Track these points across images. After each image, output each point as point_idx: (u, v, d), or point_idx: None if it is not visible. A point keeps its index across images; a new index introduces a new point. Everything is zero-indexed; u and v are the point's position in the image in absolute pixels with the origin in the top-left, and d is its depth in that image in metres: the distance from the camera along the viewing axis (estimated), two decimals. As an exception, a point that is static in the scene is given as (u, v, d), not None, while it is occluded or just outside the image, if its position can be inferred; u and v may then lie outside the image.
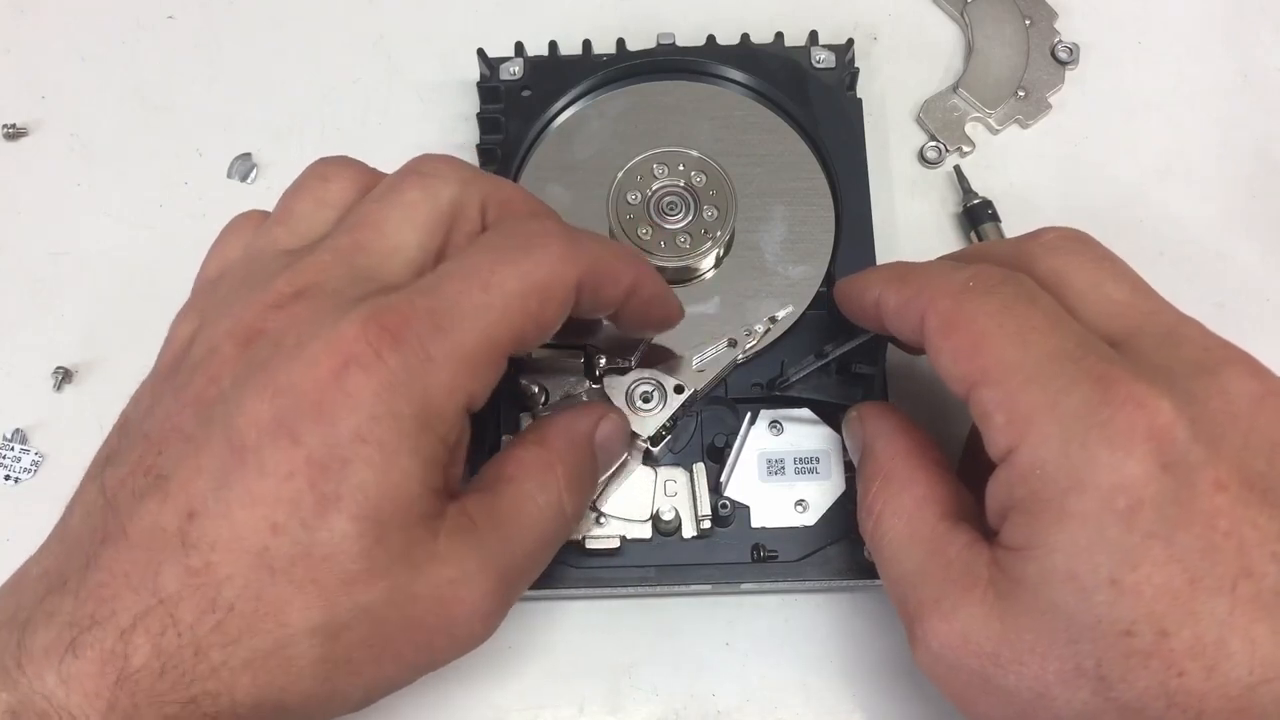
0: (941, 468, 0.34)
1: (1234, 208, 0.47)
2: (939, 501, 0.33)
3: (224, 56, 0.51)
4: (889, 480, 0.34)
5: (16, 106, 0.50)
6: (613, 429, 0.36)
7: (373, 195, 0.33)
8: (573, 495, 0.34)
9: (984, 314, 0.31)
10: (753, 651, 0.40)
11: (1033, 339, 0.30)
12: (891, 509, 0.34)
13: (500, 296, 0.30)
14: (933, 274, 0.33)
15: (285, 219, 0.33)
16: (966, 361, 0.31)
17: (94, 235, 0.47)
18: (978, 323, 0.31)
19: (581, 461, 0.35)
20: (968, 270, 0.32)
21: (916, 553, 0.32)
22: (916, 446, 0.35)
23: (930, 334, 0.32)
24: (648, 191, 0.42)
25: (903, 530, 0.33)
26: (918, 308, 0.33)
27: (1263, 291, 0.46)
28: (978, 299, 0.31)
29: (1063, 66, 0.49)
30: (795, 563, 0.39)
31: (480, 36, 0.48)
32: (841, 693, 0.40)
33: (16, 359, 0.45)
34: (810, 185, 0.44)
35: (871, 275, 0.37)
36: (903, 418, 0.37)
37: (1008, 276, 0.32)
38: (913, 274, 0.34)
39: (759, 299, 0.42)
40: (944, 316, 0.32)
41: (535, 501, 0.33)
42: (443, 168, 0.33)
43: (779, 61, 0.46)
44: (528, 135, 0.45)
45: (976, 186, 0.46)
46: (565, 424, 0.35)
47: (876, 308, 0.35)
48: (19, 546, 0.42)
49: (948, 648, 0.30)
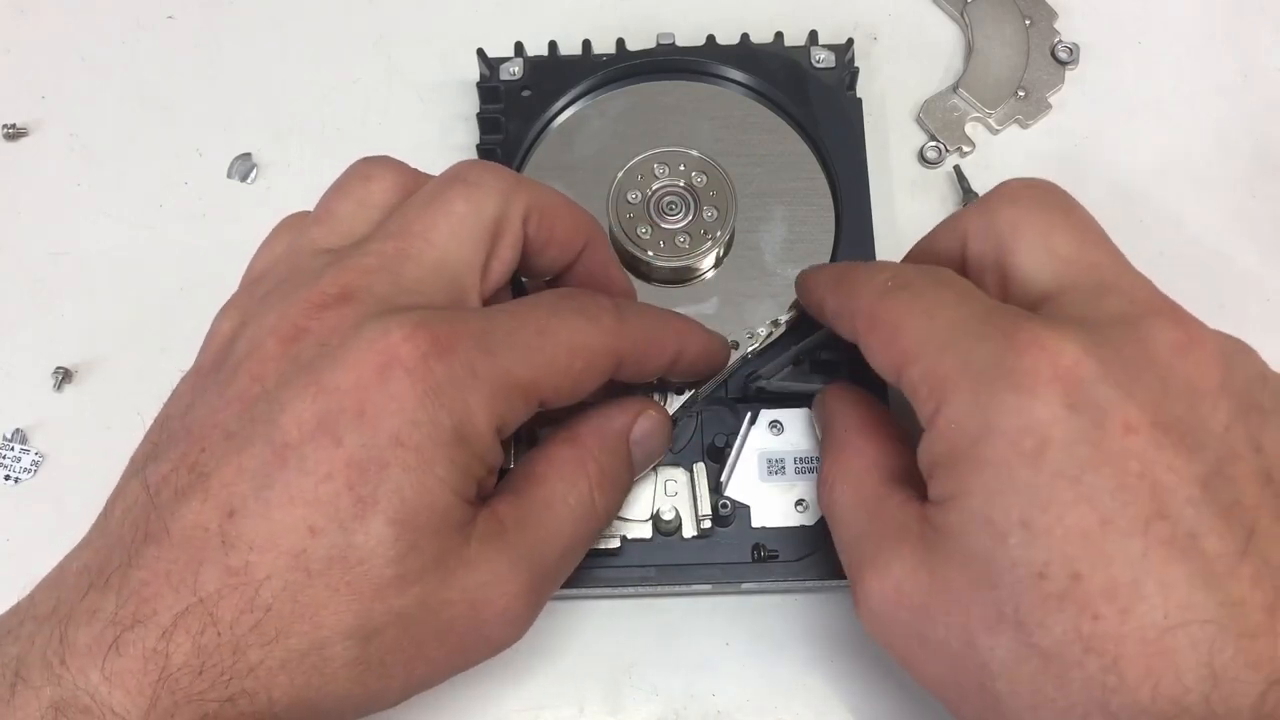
0: (891, 438, 0.35)
1: (1234, 208, 0.47)
2: (884, 467, 0.34)
3: (224, 56, 0.51)
4: (840, 450, 0.35)
5: (16, 106, 0.50)
6: (651, 426, 0.36)
7: (417, 200, 0.33)
8: (605, 494, 0.34)
9: (899, 305, 0.32)
10: (753, 651, 0.40)
11: (941, 313, 0.31)
12: (840, 476, 0.34)
13: (551, 344, 0.31)
14: (859, 278, 0.34)
15: (326, 218, 0.33)
16: (889, 349, 0.32)
17: (94, 235, 0.47)
18: (894, 313, 0.32)
19: (615, 459, 0.35)
20: (888, 270, 0.34)
21: (860, 515, 0.33)
22: (869, 418, 0.36)
23: (859, 335, 0.33)
24: (648, 191, 0.42)
25: (850, 495, 0.34)
26: (849, 311, 0.34)
27: (1263, 291, 0.46)
28: (895, 294, 0.32)
29: (1063, 66, 0.49)
30: (795, 563, 0.39)
31: (480, 36, 0.48)
32: (841, 693, 0.40)
33: (16, 359, 0.45)
34: (810, 185, 0.44)
35: (817, 276, 0.37)
36: (859, 395, 0.37)
37: (923, 271, 0.33)
38: (846, 278, 0.35)
39: (759, 299, 0.42)
40: (867, 316, 0.33)
41: (565, 502, 0.33)
42: (488, 178, 0.33)
43: (779, 61, 0.46)
44: (528, 135, 0.45)
45: (976, 186, 0.46)
46: (599, 420, 0.35)
47: (820, 310, 0.37)
48: (19, 546, 0.43)
49: (883, 603, 0.31)
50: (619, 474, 0.35)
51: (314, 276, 0.31)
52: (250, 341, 0.30)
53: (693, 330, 0.37)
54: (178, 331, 0.46)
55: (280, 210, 0.47)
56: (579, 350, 0.32)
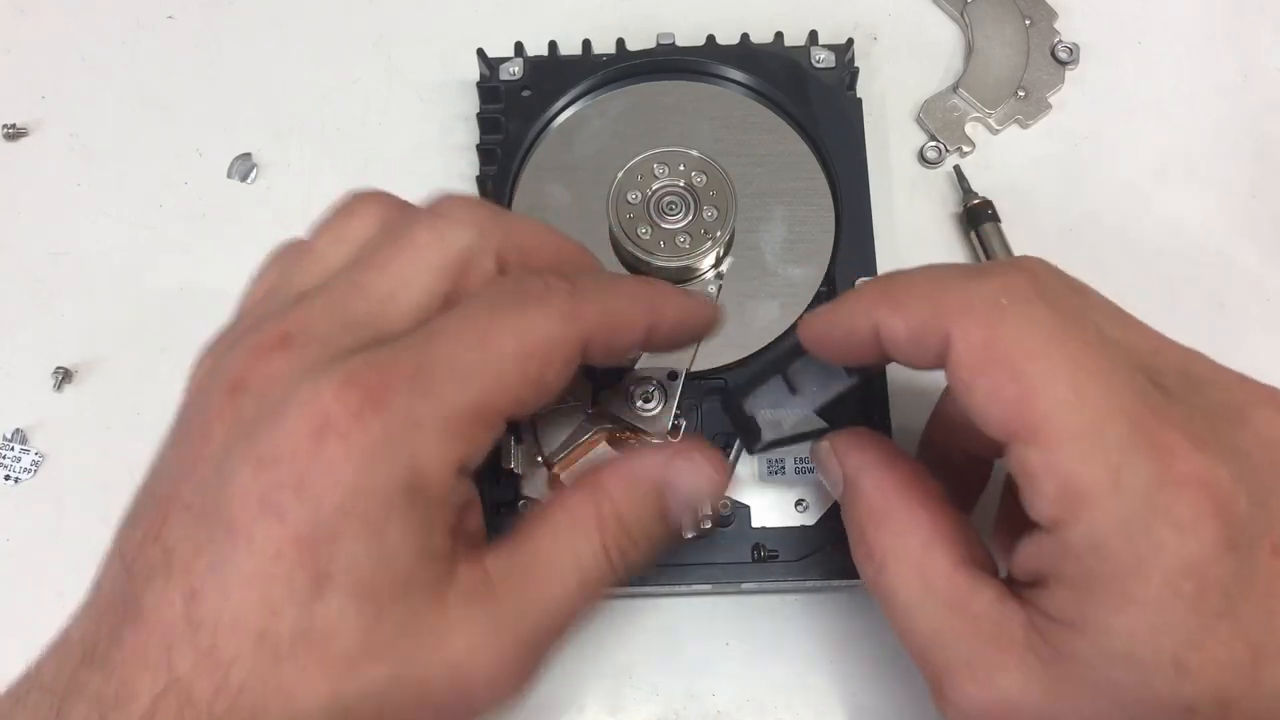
0: (940, 502, 0.32)
1: (1234, 208, 0.47)
2: (948, 545, 0.30)
3: (224, 56, 0.51)
4: (886, 522, 0.31)
5: (16, 106, 0.50)
6: (691, 470, 0.31)
7: (385, 234, 0.31)
8: (622, 546, 0.30)
9: (1028, 351, 0.27)
10: (753, 651, 0.40)
11: (1089, 391, 0.26)
12: (896, 556, 0.31)
13: (495, 357, 0.28)
14: (948, 287, 0.29)
15: (306, 255, 0.32)
16: (1009, 410, 0.27)
17: (94, 235, 0.47)
18: (1022, 363, 0.27)
19: (640, 507, 0.31)
20: (992, 279, 0.28)
21: (933, 607, 0.30)
22: (908, 480, 0.32)
23: (958, 367, 0.28)
24: (648, 191, 0.42)
25: (913, 581, 0.30)
26: (937, 332, 0.28)
27: (1263, 291, 0.46)
28: (1017, 326, 0.27)
29: (1063, 66, 0.49)
30: (795, 563, 0.39)
31: (480, 36, 0.48)
32: (841, 693, 0.40)
33: (16, 359, 0.45)
34: (810, 185, 0.44)
35: (858, 300, 0.31)
36: (885, 446, 0.33)
37: (1041, 287, 0.28)
38: (917, 289, 0.29)
39: (759, 299, 0.42)
40: (977, 346, 0.27)
41: (571, 552, 0.30)
42: (459, 210, 0.31)
43: (779, 61, 0.46)
44: (528, 135, 0.45)
45: (976, 186, 0.46)
46: (625, 461, 0.32)
47: (874, 338, 0.30)
48: (19, 546, 0.43)
49: (983, 713, 0.29)
50: (646, 526, 0.31)
51: (264, 322, 0.29)
52: (203, 394, 0.29)
53: (665, 295, 0.33)
54: (178, 331, 0.46)
55: (280, 211, 0.48)
56: (531, 353, 0.29)
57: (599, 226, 0.43)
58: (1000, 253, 0.45)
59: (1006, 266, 0.29)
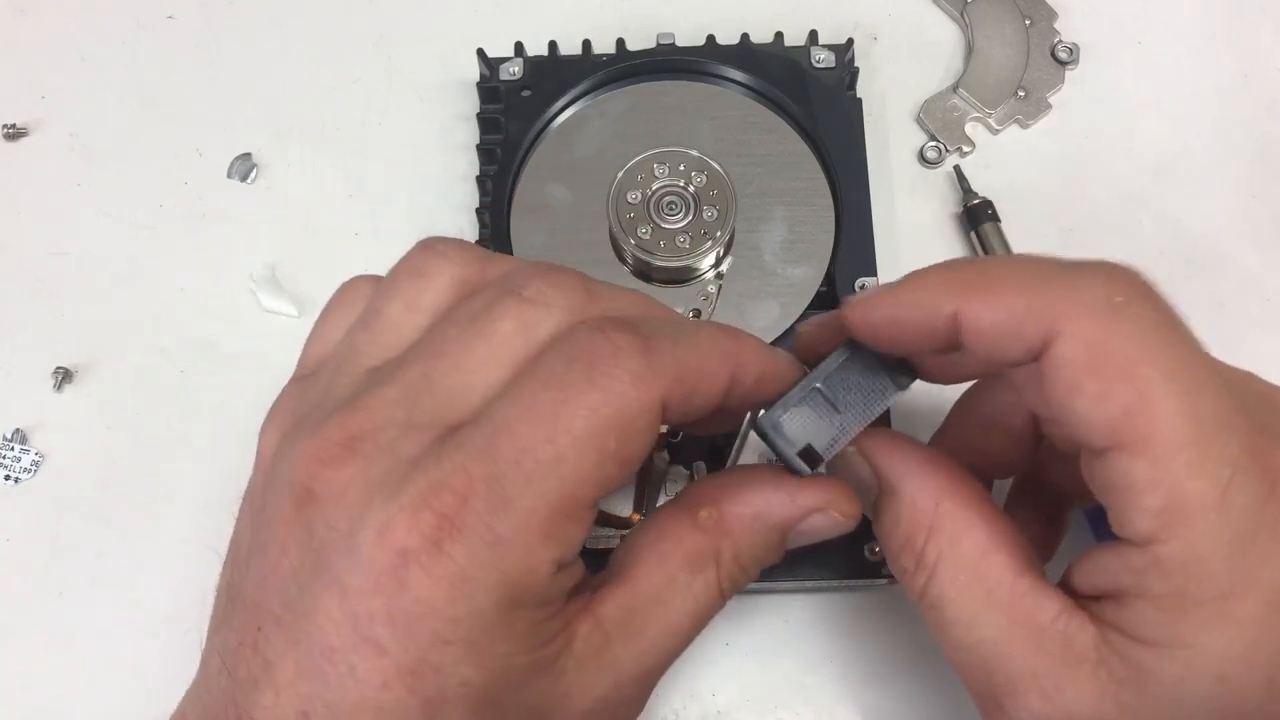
0: (992, 504, 0.30)
1: (1234, 208, 0.47)
2: (1007, 551, 0.29)
3: (224, 56, 0.51)
4: (938, 529, 0.29)
5: (16, 106, 0.50)
6: (827, 526, 0.30)
7: (463, 313, 0.29)
8: (735, 579, 0.29)
9: (1145, 355, 0.25)
10: (753, 651, 0.40)
11: (1202, 403, 0.25)
12: (949, 564, 0.29)
13: (570, 445, 0.26)
14: (1051, 278, 0.27)
15: (374, 322, 0.30)
16: (1119, 417, 0.25)
17: (94, 235, 0.47)
18: (1139, 368, 0.25)
19: (761, 548, 0.30)
20: (1098, 274, 0.26)
21: (995, 618, 0.28)
22: (956, 481, 0.30)
23: (1064, 365, 0.26)
24: (648, 191, 0.42)
25: (972, 590, 0.29)
26: (1041, 326, 0.26)
27: (1263, 291, 0.46)
28: (1134, 327, 0.26)
29: (1063, 66, 0.49)
30: (795, 563, 0.39)
31: (480, 36, 0.48)
32: (841, 693, 0.40)
33: (16, 359, 0.45)
34: (810, 185, 0.44)
35: (930, 284, 0.28)
36: (922, 447, 0.31)
37: (1149, 288, 0.27)
38: (1010, 277, 0.27)
39: (759, 299, 0.42)
40: (1090, 346, 0.26)
41: (689, 594, 0.29)
42: (551, 293, 0.28)
43: (779, 61, 0.46)
44: (528, 135, 0.45)
45: (976, 186, 0.46)
46: (755, 505, 0.30)
47: (948, 327, 0.28)
48: (19, 547, 0.43)
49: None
50: (762, 558, 0.30)
51: (330, 415, 0.28)
52: (275, 494, 0.28)
53: (746, 342, 0.30)
54: (178, 331, 0.46)
55: (280, 210, 0.48)
56: (607, 430, 0.26)
57: (599, 226, 0.43)
58: (1000, 253, 0.45)
59: (1109, 263, 0.27)
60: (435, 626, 0.25)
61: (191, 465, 0.43)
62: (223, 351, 0.45)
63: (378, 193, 0.48)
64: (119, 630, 0.41)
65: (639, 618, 0.28)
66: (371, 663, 0.25)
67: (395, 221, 0.47)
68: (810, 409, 0.30)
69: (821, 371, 0.30)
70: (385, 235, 0.47)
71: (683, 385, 0.27)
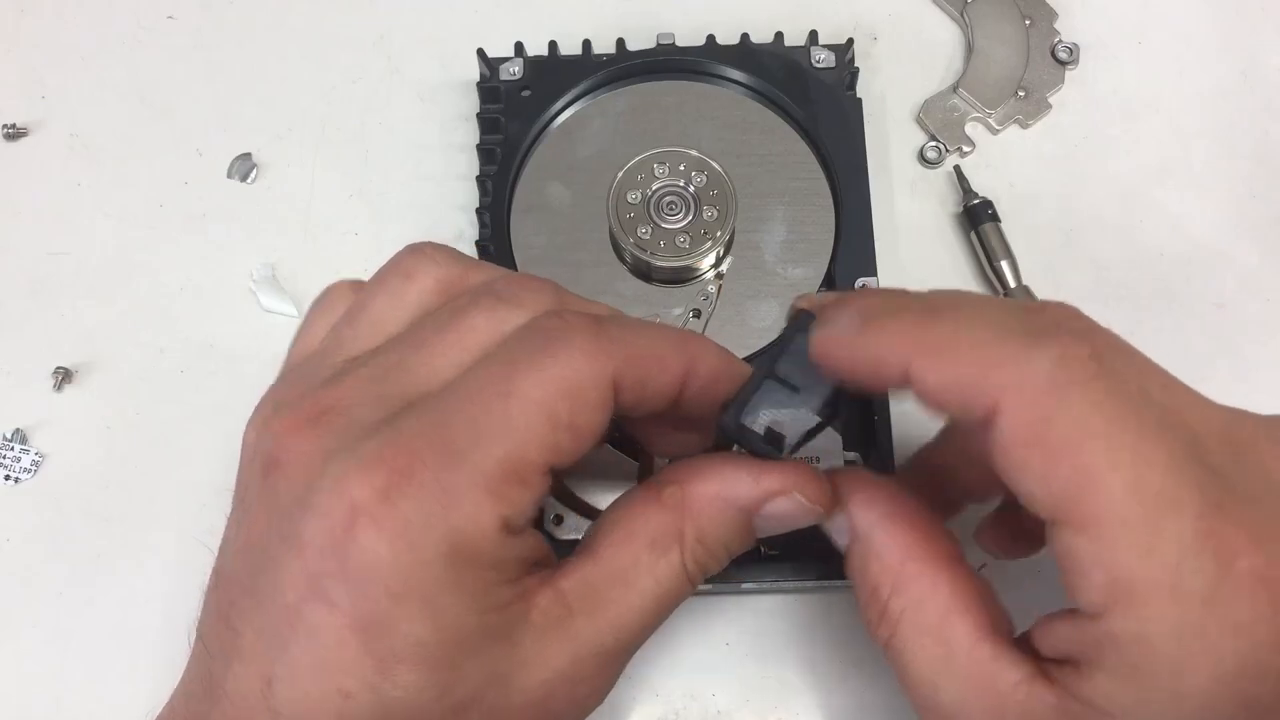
0: (960, 564, 0.30)
1: (1234, 208, 0.47)
2: (970, 613, 0.28)
3: (224, 56, 0.51)
4: (903, 587, 0.29)
5: (16, 106, 0.50)
6: (793, 510, 0.30)
7: (443, 311, 0.30)
8: (701, 561, 0.29)
9: (1088, 433, 0.25)
10: (753, 651, 0.40)
11: (1149, 481, 0.25)
12: (912, 624, 0.29)
13: (521, 408, 0.26)
14: (1002, 350, 0.26)
15: (358, 315, 0.31)
16: (1062, 496, 0.25)
17: (94, 235, 0.47)
18: (1082, 447, 0.25)
19: (726, 529, 0.30)
20: (1049, 347, 0.26)
21: (955, 683, 0.28)
22: (926, 539, 0.30)
23: (1008, 441, 0.26)
24: (648, 191, 0.42)
25: (932, 651, 0.29)
26: (983, 397, 0.26)
27: (1263, 291, 0.46)
28: (1074, 405, 0.25)
29: (1063, 66, 0.49)
30: (795, 563, 0.39)
31: (480, 36, 0.48)
32: (842, 692, 0.40)
33: (16, 359, 0.45)
34: (810, 185, 0.44)
35: (889, 332, 0.28)
36: (897, 496, 0.31)
37: (1100, 359, 0.26)
38: (962, 341, 0.27)
39: (759, 299, 0.42)
40: (1028, 424, 0.25)
41: (651, 572, 0.29)
42: (524, 294, 0.29)
43: (779, 61, 0.46)
44: (528, 135, 0.45)
45: (976, 186, 0.46)
46: (718, 481, 0.30)
47: (903, 379, 0.27)
48: (19, 547, 0.43)
49: None
50: (727, 543, 0.30)
51: (305, 395, 0.29)
52: (249, 469, 0.29)
53: (701, 342, 0.30)
54: (178, 331, 0.46)
55: (280, 210, 0.48)
56: (557, 396, 0.27)
57: (599, 226, 0.43)
58: (1000, 252, 0.45)
59: (1064, 332, 0.27)
60: (385, 579, 0.25)
61: (191, 465, 0.43)
62: (223, 351, 0.45)
63: (378, 193, 0.48)
64: (119, 630, 0.41)
65: (601, 593, 0.28)
66: (325, 618, 0.26)
67: (395, 222, 0.47)
68: (768, 394, 0.30)
69: (773, 357, 0.30)
70: (385, 235, 0.47)
71: (635, 367, 0.28)
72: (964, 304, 0.28)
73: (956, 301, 0.29)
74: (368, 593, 0.26)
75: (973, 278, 0.46)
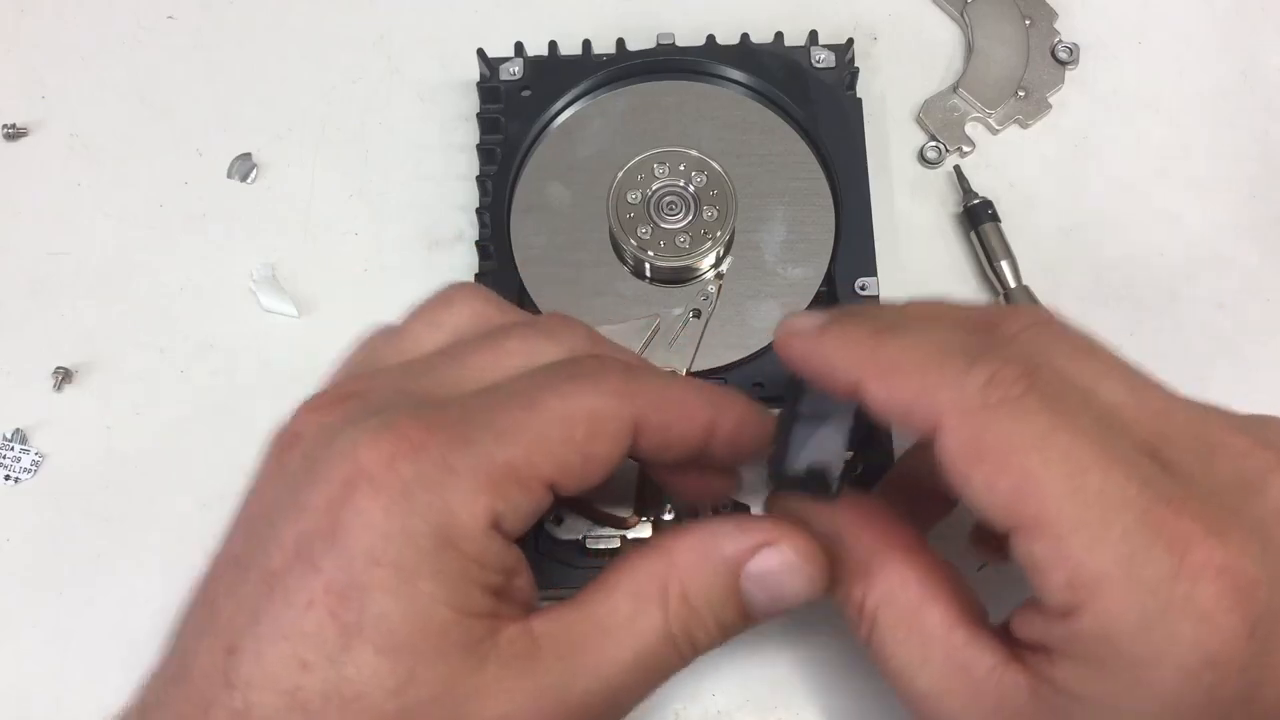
0: (928, 552, 0.31)
1: (1234, 208, 0.47)
2: (943, 600, 0.29)
3: (224, 56, 0.51)
4: (875, 577, 0.30)
5: (16, 106, 0.50)
6: (781, 565, 0.29)
7: (476, 338, 0.31)
8: (689, 629, 0.28)
9: (1021, 445, 0.26)
10: (753, 651, 0.40)
11: (1088, 483, 0.26)
12: (887, 615, 0.30)
13: (541, 419, 0.27)
14: (935, 374, 0.27)
15: (397, 336, 0.32)
16: (1008, 504, 0.26)
17: (94, 235, 0.47)
18: (1016, 456, 0.26)
19: (715, 591, 0.29)
20: (980, 370, 0.27)
21: (932, 669, 0.29)
22: (893, 531, 0.31)
23: (948, 457, 0.27)
24: (648, 191, 0.42)
25: (908, 641, 0.29)
26: (924, 416, 0.27)
27: (1263, 291, 0.46)
28: (1006, 420, 0.26)
29: (1063, 66, 0.49)
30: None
31: (480, 36, 0.48)
32: (841, 693, 0.40)
33: (16, 359, 0.45)
34: (810, 185, 0.44)
35: (842, 347, 0.29)
36: (864, 497, 0.32)
37: (1032, 376, 0.27)
38: (904, 364, 0.28)
39: (759, 299, 0.42)
40: (966, 441, 0.27)
41: (630, 624, 0.28)
42: (557, 328, 0.31)
43: (779, 61, 0.46)
44: (528, 135, 0.45)
45: (976, 186, 0.46)
46: (702, 536, 0.29)
47: (855, 393, 0.28)
48: (19, 547, 0.43)
49: None
50: (718, 611, 0.29)
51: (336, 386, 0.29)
52: (268, 452, 0.29)
53: (729, 396, 0.31)
54: (178, 331, 0.46)
55: (280, 210, 0.48)
56: (578, 418, 0.27)
57: (599, 226, 0.43)
58: (1000, 252, 0.45)
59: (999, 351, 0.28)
60: (369, 542, 0.25)
61: (191, 465, 0.43)
62: (223, 351, 0.45)
63: (378, 193, 0.48)
64: (119, 630, 0.41)
65: (575, 639, 0.28)
66: (302, 580, 0.26)
67: (395, 222, 0.47)
68: (799, 436, 0.31)
69: (793, 397, 0.31)
70: (385, 235, 0.47)
71: (659, 412, 0.29)
72: (915, 323, 0.29)
73: (910, 320, 0.30)
74: (350, 556, 0.25)
75: (973, 278, 0.46)
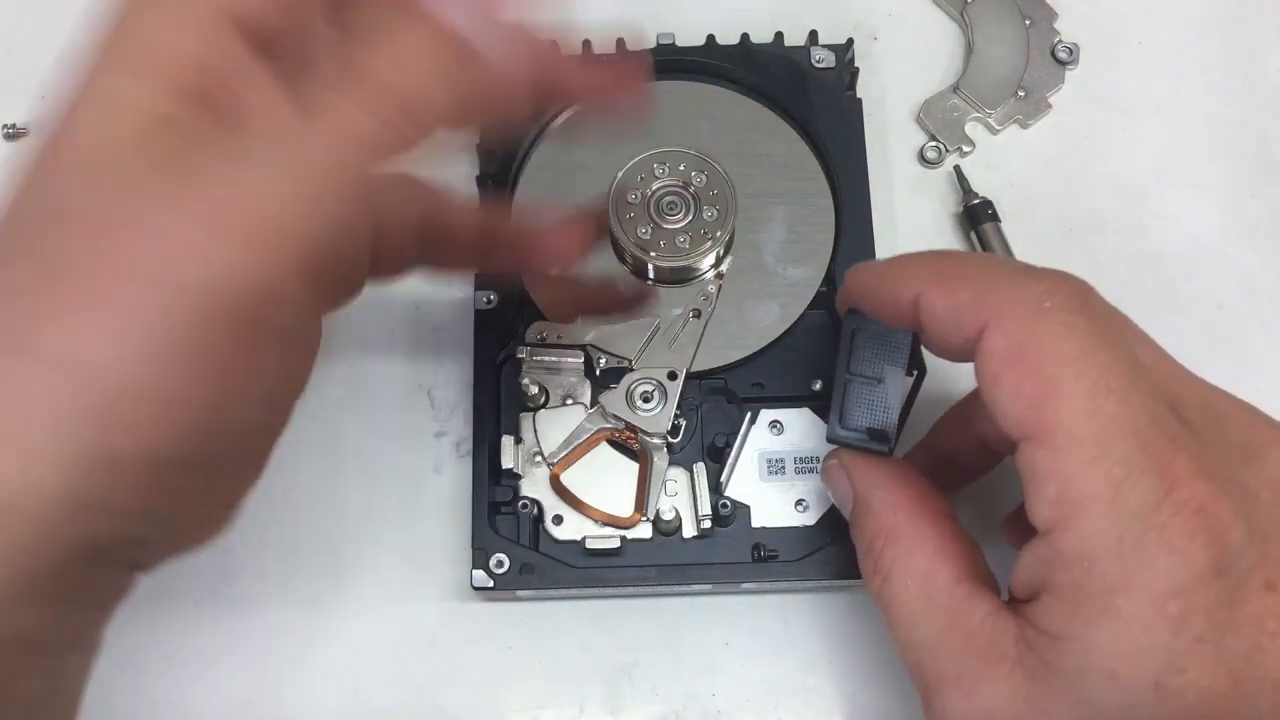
0: (949, 520, 0.33)
1: (1234, 208, 0.47)
2: (952, 561, 0.31)
3: (224, 56, 0.51)
4: (894, 537, 0.32)
5: (16, 106, 0.50)
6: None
7: None
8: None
9: (1060, 355, 0.27)
10: (753, 651, 0.40)
11: (1107, 405, 0.27)
12: (901, 569, 0.32)
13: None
14: (997, 278, 0.29)
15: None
16: (1028, 408, 0.28)
17: (94, 235, 0.47)
18: (1050, 366, 0.27)
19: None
20: (1041, 281, 0.29)
21: (933, 620, 0.31)
22: (919, 498, 0.33)
23: (988, 357, 0.28)
24: (648, 191, 0.42)
25: (916, 594, 0.31)
26: (977, 319, 0.29)
27: (1263, 291, 0.46)
28: (1055, 330, 0.28)
29: (1063, 66, 0.49)
30: (795, 563, 0.39)
31: (480, 36, 0.47)
32: (841, 693, 0.40)
33: (16, 359, 0.45)
34: (810, 185, 0.44)
35: (907, 266, 0.32)
36: (894, 466, 0.34)
37: (1086, 300, 0.29)
38: (968, 272, 0.30)
39: (759, 299, 0.42)
40: (1012, 341, 0.28)
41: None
42: None
43: (779, 61, 0.46)
44: (528, 135, 0.45)
45: (976, 186, 0.46)
46: None
47: (914, 307, 0.31)
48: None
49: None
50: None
51: None
52: None
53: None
54: (178, 331, 0.46)
55: (280, 210, 0.48)
56: None
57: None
58: (1000, 252, 0.45)
59: (1059, 273, 0.30)
60: None
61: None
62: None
63: (378, 193, 0.48)
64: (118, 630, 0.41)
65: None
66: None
67: (395, 221, 0.47)
68: (854, 395, 0.34)
69: (842, 364, 0.34)
70: (385, 235, 0.47)
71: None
72: (977, 254, 0.33)
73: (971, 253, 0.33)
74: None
75: (973, 278, 0.46)
